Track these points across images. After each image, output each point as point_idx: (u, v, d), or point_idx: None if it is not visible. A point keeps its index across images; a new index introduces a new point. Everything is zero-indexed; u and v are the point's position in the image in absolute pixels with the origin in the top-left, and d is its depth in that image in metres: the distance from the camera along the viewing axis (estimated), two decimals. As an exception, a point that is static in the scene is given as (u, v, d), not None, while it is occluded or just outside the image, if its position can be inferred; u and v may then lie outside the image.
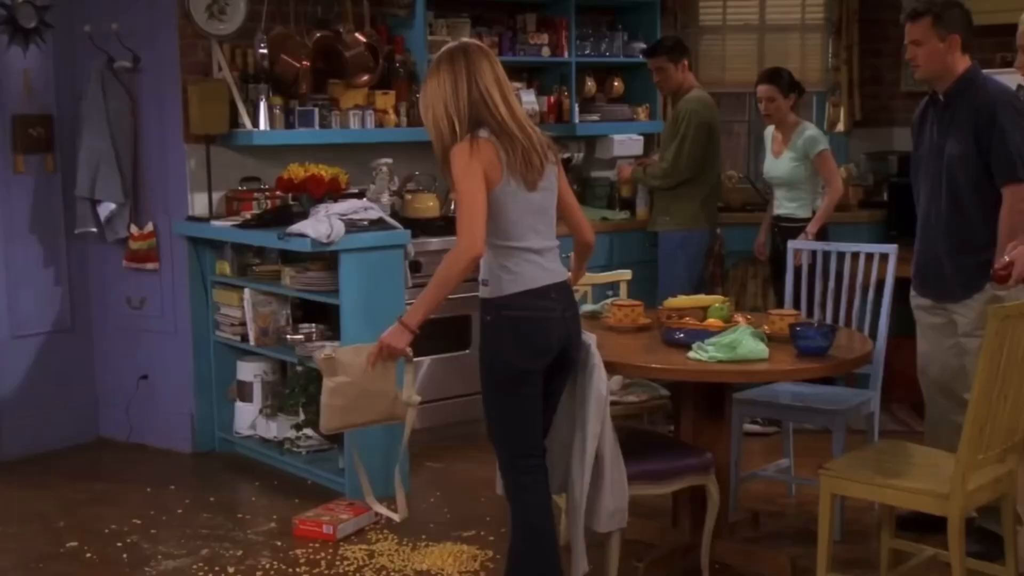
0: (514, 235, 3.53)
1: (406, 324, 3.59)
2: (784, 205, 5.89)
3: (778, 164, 5.85)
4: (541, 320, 3.56)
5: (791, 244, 5.17)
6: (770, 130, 5.95)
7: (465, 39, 3.89)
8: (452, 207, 5.09)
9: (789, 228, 5.74)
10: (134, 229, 5.73)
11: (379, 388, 3.73)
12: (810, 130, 5.78)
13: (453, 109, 3.50)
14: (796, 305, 4.97)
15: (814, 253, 5.00)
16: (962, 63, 4.23)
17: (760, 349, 3.81)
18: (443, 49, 3.61)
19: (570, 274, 3.77)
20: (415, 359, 3.79)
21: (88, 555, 4.50)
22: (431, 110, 3.54)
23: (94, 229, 5.72)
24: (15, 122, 5.59)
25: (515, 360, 3.55)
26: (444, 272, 3.52)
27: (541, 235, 3.58)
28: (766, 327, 4.09)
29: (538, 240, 3.57)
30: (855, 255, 4.93)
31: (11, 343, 5.69)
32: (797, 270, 5.05)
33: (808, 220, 5.73)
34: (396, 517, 4.07)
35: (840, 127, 7.24)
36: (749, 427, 5.67)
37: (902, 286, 4.73)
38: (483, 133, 3.48)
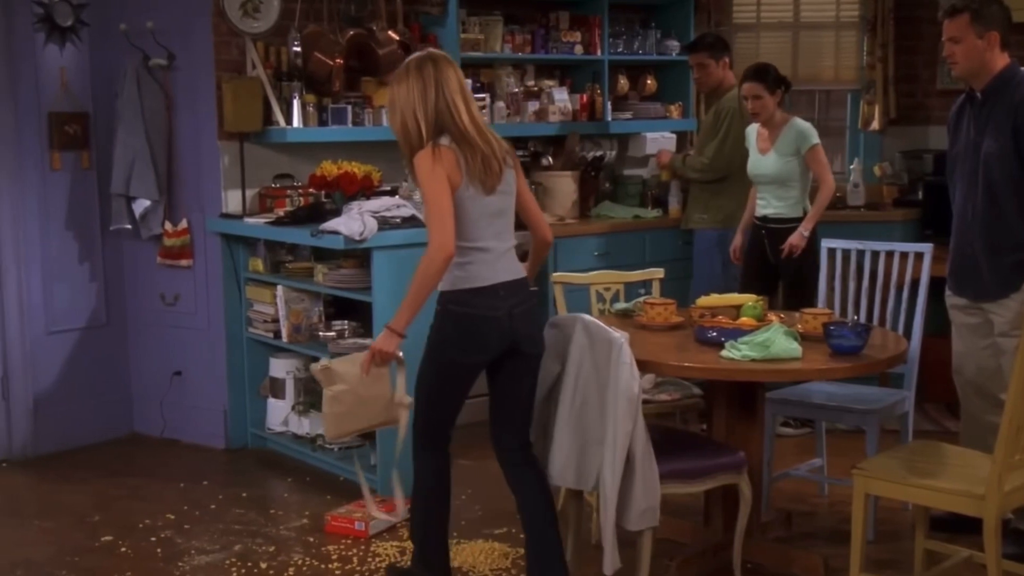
0: (471, 236, 3.72)
1: (394, 329, 3.74)
2: (772, 204, 5.62)
3: (765, 161, 5.60)
4: (481, 318, 3.75)
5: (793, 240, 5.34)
6: (753, 127, 5.71)
7: (431, 49, 4.06)
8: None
9: (778, 229, 5.55)
10: (168, 226, 5.77)
11: (375, 392, 3.85)
12: (800, 124, 5.55)
13: (421, 115, 3.71)
14: (830, 304, 4.94)
15: (848, 252, 4.97)
16: (1000, 60, 4.20)
17: (793, 348, 3.79)
18: (411, 57, 3.83)
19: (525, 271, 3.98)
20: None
21: (122, 549, 4.53)
22: (400, 114, 3.75)
23: (129, 226, 5.77)
24: (52, 119, 5.64)
25: (454, 354, 3.80)
26: (422, 274, 3.68)
27: (497, 236, 3.79)
28: (799, 326, 4.07)
29: (494, 241, 3.77)
30: (889, 254, 4.89)
31: (46, 339, 5.74)
32: (798, 267, 5.12)
33: (798, 220, 5.51)
34: (393, 519, 4.15)
35: (874, 125, 7.19)
36: (782, 430, 5.65)
37: (937, 285, 4.70)
38: (444, 140, 3.69)
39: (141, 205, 5.70)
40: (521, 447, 3.93)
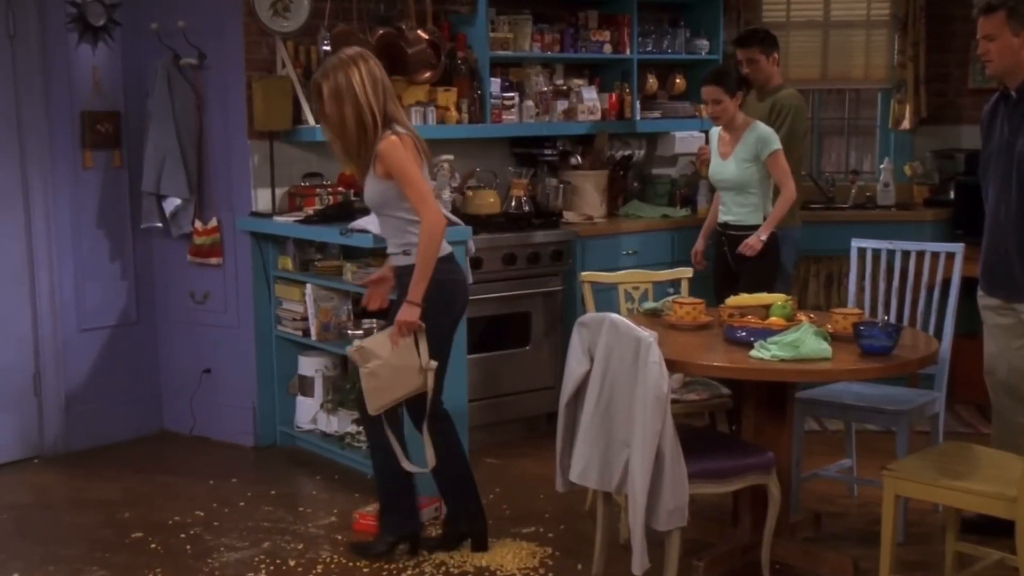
0: None
1: (412, 301, 4.11)
2: (732, 211, 5.45)
3: (726, 166, 5.41)
4: (460, 282, 4.33)
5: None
6: (716, 131, 5.54)
7: (352, 46, 4.38)
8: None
9: (738, 236, 5.38)
10: (198, 224, 5.80)
11: (406, 362, 4.17)
12: (762, 130, 5.36)
13: (376, 105, 4.09)
14: (860, 304, 4.92)
15: (878, 251, 4.95)
16: (1035, 59, 4.16)
17: (823, 348, 3.77)
18: (346, 53, 4.16)
19: None
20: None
21: (152, 546, 4.56)
22: (354, 105, 4.07)
23: (159, 224, 5.80)
24: (84, 118, 5.68)
25: (450, 317, 4.25)
26: (427, 249, 4.10)
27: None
28: (829, 326, 4.05)
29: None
30: (920, 254, 4.86)
31: (78, 336, 5.78)
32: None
33: (758, 227, 5.33)
34: (425, 469, 4.32)
35: (905, 124, 7.15)
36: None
37: (968, 285, 4.66)
38: (400, 129, 4.11)
39: (171, 204, 5.73)
40: (442, 402, 4.35)
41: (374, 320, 5.32)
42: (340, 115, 4.12)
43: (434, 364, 4.20)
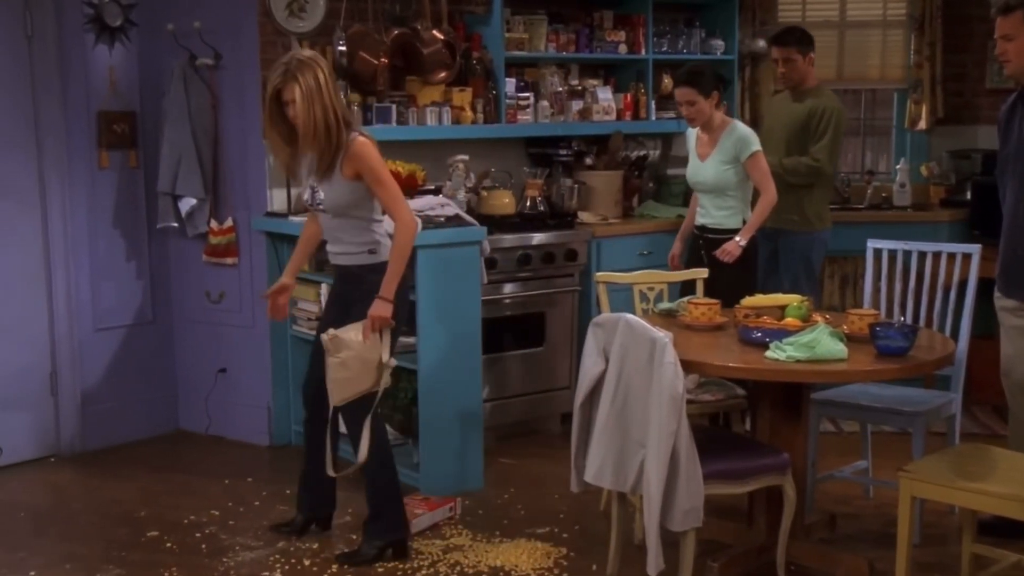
0: (380, 211, 4.31)
1: (385, 297, 4.20)
2: (711, 214, 5.34)
3: (704, 168, 5.30)
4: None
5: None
6: (692, 132, 5.43)
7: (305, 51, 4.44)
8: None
9: (716, 240, 5.27)
10: (214, 224, 5.81)
11: (372, 356, 4.24)
12: (741, 130, 5.25)
13: (339, 106, 4.16)
14: (876, 305, 4.90)
15: (894, 252, 4.93)
16: (1055, 59, 4.14)
17: (839, 349, 3.76)
18: (303, 54, 4.19)
19: None
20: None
21: (168, 545, 4.57)
22: (321, 106, 4.09)
23: (175, 224, 5.81)
24: (100, 118, 5.70)
25: (399, 321, 4.33)
26: (405, 248, 4.23)
27: None
28: (845, 327, 4.03)
29: None
30: (936, 255, 4.85)
31: (93, 335, 5.80)
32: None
33: (738, 231, 5.23)
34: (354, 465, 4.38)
35: (921, 125, 7.12)
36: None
37: (985, 286, 4.65)
38: (363, 130, 4.28)
39: (187, 203, 5.75)
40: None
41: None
42: (311, 117, 4.09)
43: (394, 362, 4.29)
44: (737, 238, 5.19)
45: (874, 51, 7.27)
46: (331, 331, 4.24)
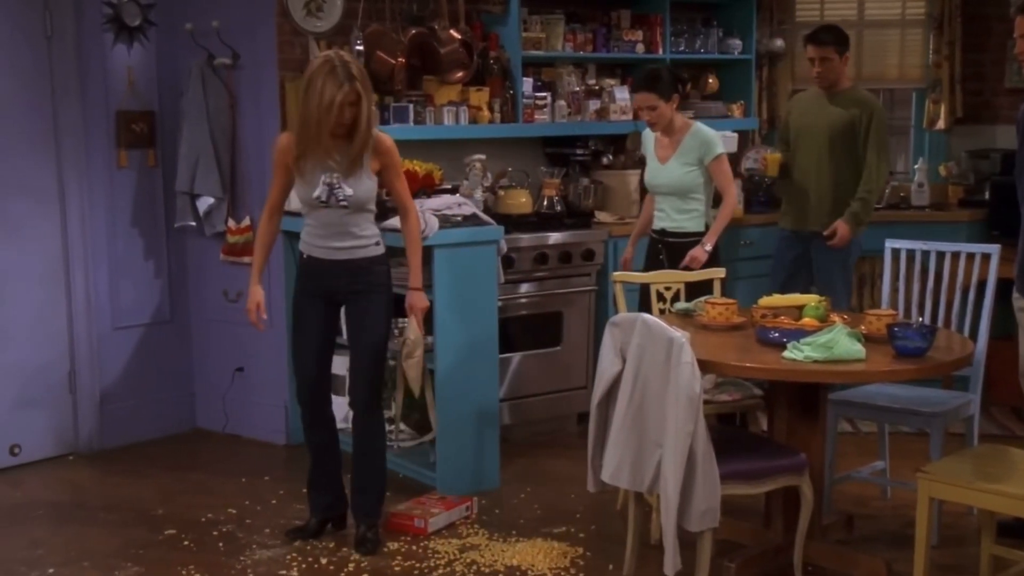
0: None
1: (419, 287, 4.51)
2: (672, 217, 5.23)
3: (666, 171, 5.18)
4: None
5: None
6: (650, 133, 5.29)
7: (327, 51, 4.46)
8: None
9: (678, 244, 5.17)
10: (231, 223, 5.83)
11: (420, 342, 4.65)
12: (704, 132, 5.15)
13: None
14: (894, 305, 4.89)
15: (912, 252, 4.91)
16: (1074, 58, 4.12)
17: (856, 349, 3.75)
18: (346, 57, 4.23)
19: None
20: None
21: (185, 543, 4.58)
22: (371, 103, 4.29)
23: (193, 223, 5.84)
24: (119, 118, 5.73)
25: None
26: (419, 239, 4.51)
27: None
28: (863, 327, 4.02)
29: None
30: (955, 255, 4.83)
31: (112, 334, 5.83)
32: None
33: (701, 235, 5.15)
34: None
35: (940, 124, 7.09)
36: None
37: (1003, 287, 4.62)
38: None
39: (205, 203, 5.77)
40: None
41: (406, 319, 5.33)
42: (370, 114, 4.25)
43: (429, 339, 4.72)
44: (704, 244, 5.09)
45: (893, 50, 7.24)
46: (411, 335, 4.57)
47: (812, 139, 5.67)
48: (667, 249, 5.23)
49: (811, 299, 4.26)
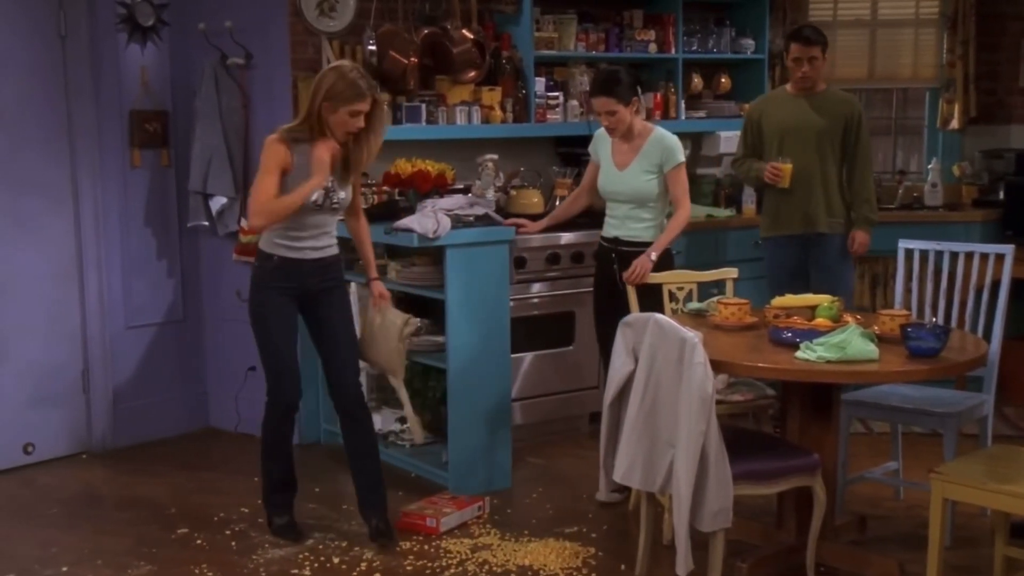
0: None
1: (378, 276, 4.81)
2: (626, 226, 4.96)
3: (624, 178, 4.92)
4: None
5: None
6: (604, 135, 5.01)
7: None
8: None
9: (632, 253, 4.90)
10: (244, 223, 5.83)
11: None
12: (667, 139, 4.90)
13: None
14: (907, 306, 4.87)
15: (926, 253, 4.90)
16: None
17: (870, 350, 3.74)
18: (361, 69, 4.40)
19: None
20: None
21: (198, 541, 4.59)
22: None
23: (206, 222, 5.85)
24: (132, 118, 5.75)
25: None
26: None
27: None
28: (876, 327, 4.01)
29: None
30: (969, 255, 4.81)
31: (125, 333, 5.84)
32: None
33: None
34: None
35: (954, 124, 7.07)
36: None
37: (1018, 287, 4.61)
38: None
39: (218, 202, 5.78)
40: None
41: (418, 319, 5.33)
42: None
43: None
44: (650, 254, 4.86)
45: (906, 50, 7.22)
46: (412, 318, 4.72)
47: (803, 142, 5.51)
48: (620, 258, 4.96)
49: (824, 299, 4.24)
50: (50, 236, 5.60)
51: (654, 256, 4.85)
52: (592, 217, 6.10)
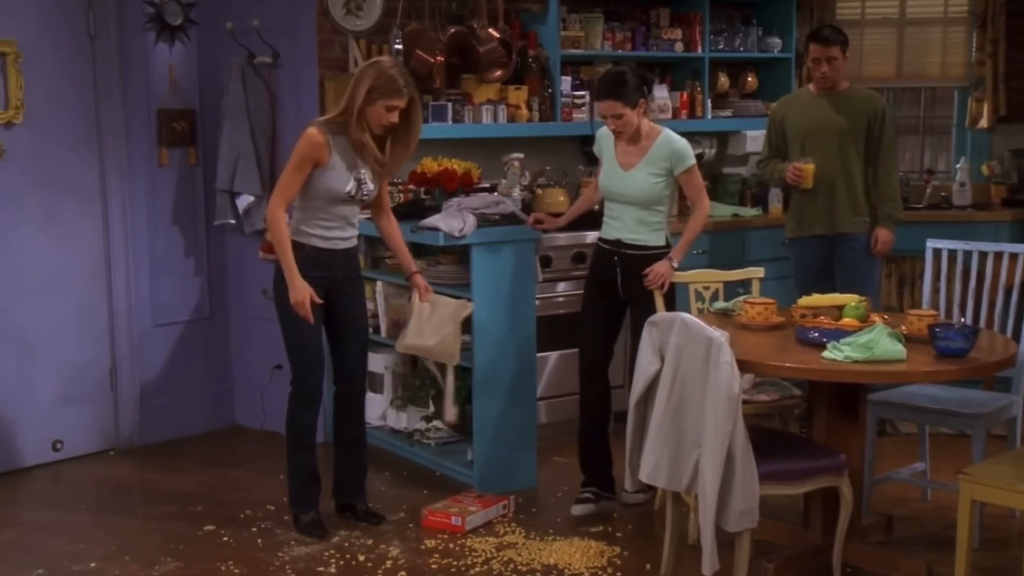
0: None
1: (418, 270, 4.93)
2: (631, 228, 4.78)
3: (631, 180, 4.74)
4: None
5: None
6: (607, 133, 4.86)
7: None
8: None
9: (636, 257, 4.78)
10: (271, 221, 5.85)
11: None
12: (676, 142, 4.74)
13: None
14: (935, 306, 4.84)
15: (954, 252, 4.87)
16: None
17: (897, 350, 3.72)
18: (402, 66, 4.54)
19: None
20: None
21: (225, 539, 4.61)
22: None
23: (232, 221, 5.87)
24: (160, 116, 5.78)
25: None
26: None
27: None
28: (904, 327, 3.99)
29: None
30: (998, 255, 4.78)
31: (152, 331, 5.88)
32: None
33: (660, 248, 4.78)
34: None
35: (983, 123, 7.02)
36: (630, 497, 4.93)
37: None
38: None
39: (245, 201, 5.80)
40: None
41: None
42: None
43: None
44: (672, 260, 4.74)
45: (934, 48, 7.17)
46: (467, 301, 4.86)
47: (825, 141, 5.48)
48: (623, 261, 4.81)
49: (851, 299, 4.22)
50: (79, 235, 5.63)
51: (676, 263, 4.76)
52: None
